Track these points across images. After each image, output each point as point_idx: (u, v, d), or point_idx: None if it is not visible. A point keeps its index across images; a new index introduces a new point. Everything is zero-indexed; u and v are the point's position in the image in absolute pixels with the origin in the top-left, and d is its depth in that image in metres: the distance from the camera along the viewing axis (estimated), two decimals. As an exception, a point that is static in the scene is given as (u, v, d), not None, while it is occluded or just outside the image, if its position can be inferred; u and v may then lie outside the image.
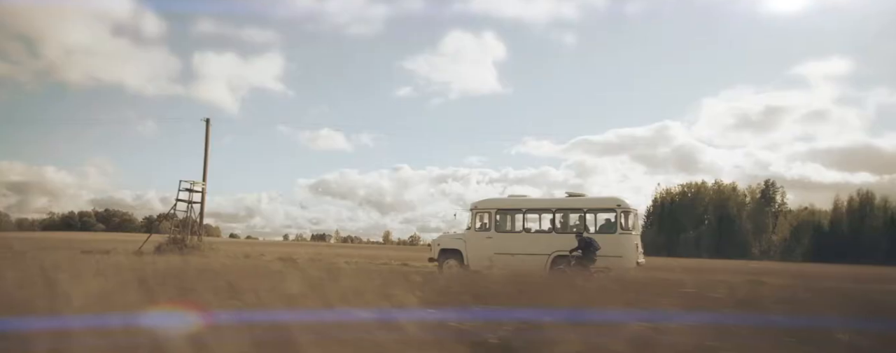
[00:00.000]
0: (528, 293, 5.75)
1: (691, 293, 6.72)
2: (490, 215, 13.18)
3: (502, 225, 13.23)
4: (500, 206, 13.28)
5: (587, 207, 12.58)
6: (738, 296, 6.38)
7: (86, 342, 2.67)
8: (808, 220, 63.52)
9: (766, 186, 60.31)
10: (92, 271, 5.13)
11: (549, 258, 12.35)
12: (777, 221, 60.68)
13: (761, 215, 59.17)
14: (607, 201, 12.59)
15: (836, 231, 61.41)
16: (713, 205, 60.50)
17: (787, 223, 63.31)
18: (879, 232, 58.51)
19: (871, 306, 5.39)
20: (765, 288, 9.08)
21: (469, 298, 4.77)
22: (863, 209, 61.95)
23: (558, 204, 12.97)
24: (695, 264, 30.55)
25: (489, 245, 12.94)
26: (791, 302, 5.59)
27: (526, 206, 13.14)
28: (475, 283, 6.32)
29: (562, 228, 12.72)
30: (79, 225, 76.58)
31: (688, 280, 8.72)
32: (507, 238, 12.92)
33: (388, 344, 2.88)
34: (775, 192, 59.89)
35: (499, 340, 3.13)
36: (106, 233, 71.93)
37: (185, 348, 2.66)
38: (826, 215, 63.14)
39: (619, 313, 4.12)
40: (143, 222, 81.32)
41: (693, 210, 60.65)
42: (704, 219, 60.56)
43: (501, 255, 12.67)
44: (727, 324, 4.10)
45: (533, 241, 12.72)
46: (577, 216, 12.67)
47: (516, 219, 13.18)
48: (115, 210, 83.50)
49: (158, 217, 21.62)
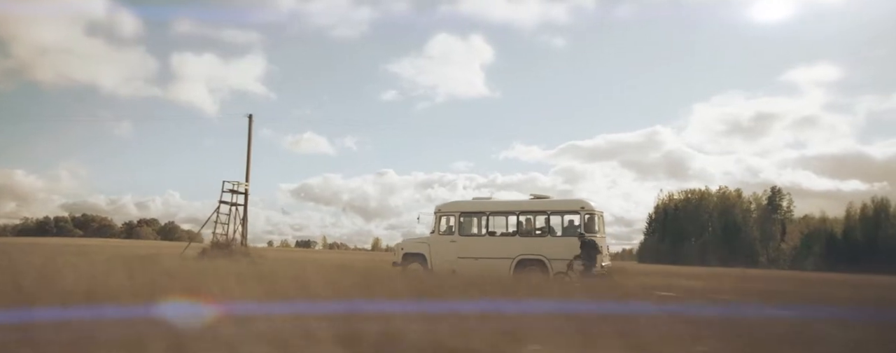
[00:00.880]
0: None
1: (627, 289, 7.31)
2: (454, 218, 13.49)
3: (466, 228, 13.52)
4: (463, 209, 13.58)
5: (551, 209, 12.88)
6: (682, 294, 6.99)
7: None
8: (819, 228, 63.81)
9: (773, 193, 60.49)
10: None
11: (514, 262, 12.63)
12: (785, 229, 60.75)
13: (768, 222, 59.31)
14: (571, 204, 12.89)
15: (849, 240, 61.57)
16: (717, 212, 60.68)
17: (798, 231, 63.57)
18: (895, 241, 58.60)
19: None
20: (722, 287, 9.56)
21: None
22: (877, 217, 62.15)
23: (522, 206, 13.27)
24: (689, 271, 30.75)
25: (453, 249, 13.24)
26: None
27: (490, 209, 13.44)
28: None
29: (526, 230, 13.03)
30: (54, 230, 76.99)
31: (650, 281, 9.23)
32: (471, 242, 13.20)
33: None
34: (781, 199, 60.03)
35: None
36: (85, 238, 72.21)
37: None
38: (838, 222, 63.31)
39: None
40: (123, 227, 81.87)
41: (697, 217, 60.84)
42: (709, 226, 60.73)
43: (465, 259, 13.01)
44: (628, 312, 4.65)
45: (497, 244, 13.01)
46: (540, 219, 12.97)
47: (480, 222, 13.48)
48: (92, 215, 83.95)
49: (213, 225, 20.19)
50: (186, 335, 3.12)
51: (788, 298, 7.62)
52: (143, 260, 10.12)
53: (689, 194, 63.00)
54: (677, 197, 63.33)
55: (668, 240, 60.96)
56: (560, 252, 12.38)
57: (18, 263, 7.75)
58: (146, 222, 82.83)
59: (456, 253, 13.13)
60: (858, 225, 62.36)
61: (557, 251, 12.41)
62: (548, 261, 12.39)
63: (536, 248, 12.61)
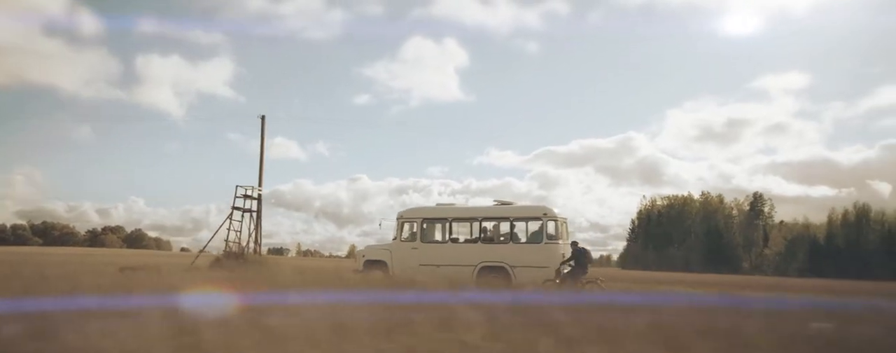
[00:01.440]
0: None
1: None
2: (416, 224, 13.64)
3: (429, 235, 13.66)
4: (425, 215, 13.73)
5: (514, 215, 13.10)
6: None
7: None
8: (802, 233, 65.46)
9: (755, 198, 61.96)
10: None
11: (476, 269, 12.82)
12: (768, 234, 62.18)
13: (751, 228, 60.68)
14: (534, 210, 13.12)
15: (831, 246, 63.31)
16: (700, 218, 61.90)
17: (782, 237, 65.12)
18: (876, 247, 60.39)
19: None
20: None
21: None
22: (859, 223, 64.01)
23: (485, 213, 13.47)
24: (664, 277, 31.35)
25: (415, 256, 13.36)
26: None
27: (452, 215, 13.61)
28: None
29: (489, 237, 13.23)
30: (11, 239, 74.99)
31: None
32: (433, 248, 13.35)
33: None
34: (763, 204, 61.54)
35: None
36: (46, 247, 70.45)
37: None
38: (820, 228, 65.03)
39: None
40: (86, 235, 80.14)
41: (680, 223, 61.96)
42: (692, 232, 61.91)
43: (427, 266, 13.15)
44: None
45: (459, 251, 13.17)
46: (504, 225, 13.19)
47: (443, 229, 13.65)
48: (52, 223, 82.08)
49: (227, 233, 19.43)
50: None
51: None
52: (154, 272, 10.05)
53: (672, 200, 64.15)
54: (660, 203, 64.42)
55: (653, 247, 61.96)
56: (523, 259, 12.60)
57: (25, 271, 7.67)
58: (111, 229, 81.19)
59: (418, 260, 13.25)
60: (840, 231, 64.21)
61: (520, 258, 12.63)
62: (510, 268, 12.60)
63: (499, 255, 12.80)
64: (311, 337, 3.57)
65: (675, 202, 63.79)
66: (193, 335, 3.49)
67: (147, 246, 74.78)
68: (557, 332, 3.69)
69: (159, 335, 3.49)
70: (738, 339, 3.74)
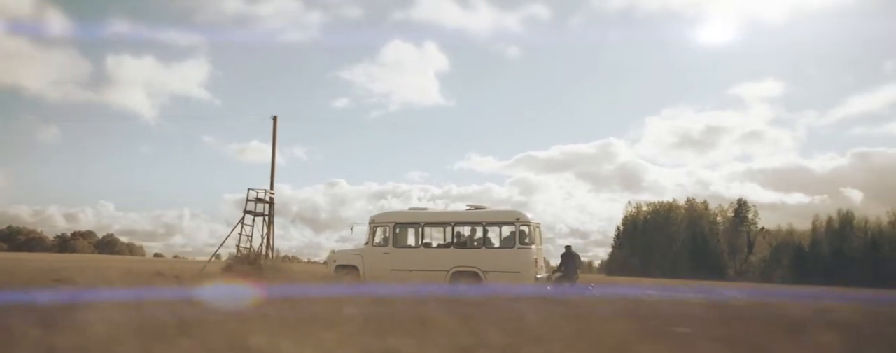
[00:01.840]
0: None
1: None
2: (388, 228, 13.72)
3: (401, 239, 13.74)
4: (398, 219, 13.82)
5: (487, 220, 13.25)
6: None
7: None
8: (787, 240, 66.72)
9: (740, 205, 63.08)
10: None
11: (449, 274, 12.93)
12: (753, 241, 63.24)
13: (736, 234, 61.70)
14: (507, 215, 13.29)
15: (816, 253, 64.57)
16: (685, 224, 62.80)
17: (767, 244, 66.30)
18: (860, 254, 61.74)
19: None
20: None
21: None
22: (843, 230, 65.41)
23: (457, 217, 13.61)
24: (654, 284, 31.63)
25: (387, 261, 13.45)
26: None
27: (424, 219, 13.72)
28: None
29: (461, 242, 13.36)
30: (-27, 243, 73.21)
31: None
32: (405, 253, 13.43)
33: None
34: (747, 211, 62.64)
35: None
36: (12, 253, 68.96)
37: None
38: (805, 235, 66.32)
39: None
40: (55, 240, 78.51)
41: (666, 230, 62.78)
42: (678, 239, 62.76)
43: (399, 271, 13.24)
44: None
45: (431, 256, 13.26)
46: (477, 230, 13.33)
47: (415, 233, 13.74)
48: (19, 227, 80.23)
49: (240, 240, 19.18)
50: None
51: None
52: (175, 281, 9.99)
53: (657, 206, 65.01)
54: (646, 209, 65.25)
55: (639, 253, 62.64)
56: (495, 264, 12.75)
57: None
58: (82, 234, 79.63)
59: (390, 265, 13.34)
60: (824, 238, 65.53)
61: (493, 263, 12.77)
62: (482, 273, 12.73)
63: (471, 260, 12.93)
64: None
65: (660, 209, 64.67)
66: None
67: (120, 251, 73.47)
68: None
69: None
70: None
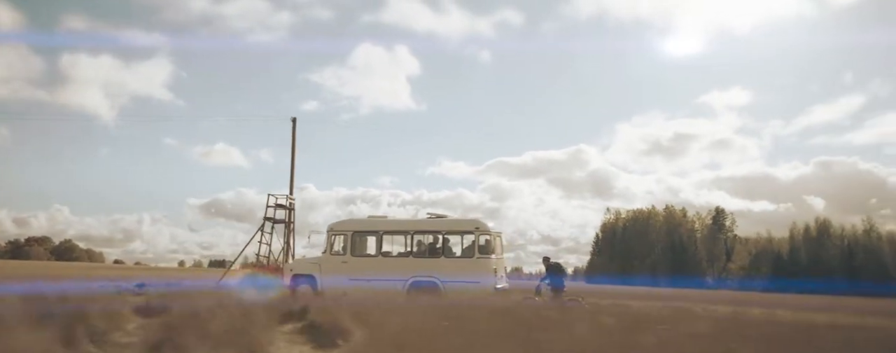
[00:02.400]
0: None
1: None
2: (346, 237, 13.78)
3: (359, 248, 13.80)
4: (356, 228, 13.89)
5: (446, 229, 13.41)
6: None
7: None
8: (766, 248, 68.44)
9: (717, 213, 64.49)
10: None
11: (407, 284, 13.03)
12: (731, 248, 64.64)
13: (714, 242, 63.01)
14: (466, 224, 13.47)
15: (794, 260, 66.32)
16: (664, 232, 63.94)
17: (746, 251, 67.91)
18: (837, 262, 63.59)
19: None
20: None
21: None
22: (820, 238, 67.33)
23: (416, 226, 13.73)
24: (642, 292, 32.10)
25: (344, 270, 13.50)
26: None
27: (383, 228, 13.82)
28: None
29: (420, 251, 13.48)
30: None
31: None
32: (363, 262, 13.49)
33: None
34: (725, 219, 64.06)
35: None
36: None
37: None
38: (784, 243, 68.12)
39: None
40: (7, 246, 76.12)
41: (645, 237, 63.80)
42: (656, 246, 63.84)
43: (357, 280, 13.29)
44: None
45: (390, 265, 13.36)
46: (437, 239, 13.47)
47: (373, 242, 13.83)
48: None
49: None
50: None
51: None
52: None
53: (636, 213, 66.07)
54: (624, 216, 66.25)
55: (618, 261, 63.53)
56: (454, 274, 12.88)
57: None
58: (36, 240, 77.26)
59: (348, 274, 13.39)
60: (802, 246, 67.38)
61: (452, 273, 12.91)
62: (441, 283, 12.86)
63: (430, 269, 13.06)
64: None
65: (639, 216, 65.73)
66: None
67: (78, 258, 71.55)
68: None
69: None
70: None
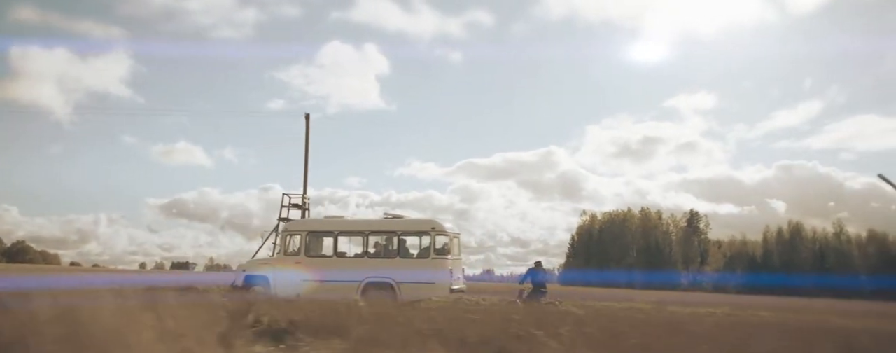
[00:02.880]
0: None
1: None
2: (300, 237, 13.74)
3: (314, 249, 13.78)
4: (311, 228, 13.88)
5: (402, 229, 13.47)
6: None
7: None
8: (741, 250, 70.26)
9: (691, 215, 65.92)
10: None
11: (361, 285, 13.02)
12: (706, 251, 66.11)
13: (689, 244, 64.35)
14: (422, 224, 13.56)
15: (767, 263, 68.22)
16: (640, 234, 65.05)
17: (721, 254, 69.59)
18: (809, 264, 65.59)
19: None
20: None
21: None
22: (792, 241, 69.39)
23: (372, 226, 13.78)
24: (624, 294, 32.54)
25: (298, 272, 13.46)
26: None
27: (338, 228, 13.82)
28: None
29: (376, 252, 13.51)
30: None
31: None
32: (317, 264, 13.46)
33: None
34: (699, 221, 65.50)
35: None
36: None
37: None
38: (756, 246, 70.04)
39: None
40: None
41: (621, 240, 64.79)
42: (632, 249, 64.90)
43: (311, 282, 13.25)
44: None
45: (344, 266, 13.36)
46: (392, 240, 13.52)
47: (329, 243, 13.82)
48: None
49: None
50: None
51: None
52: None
53: (612, 215, 67.09)
54: (600, 219, 67.21)
55: (595, 263, 64.39)
56: (409, 275, 12.93)
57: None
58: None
59: (301, 276, 13.34)
60: (775, 248, 69.37)
61: (407, 274, 12.95)
62: (396, 284, 12.90)
63: (385, 271, 13.10)
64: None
65: (615, 218, 66.73)
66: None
67: (32, 260, 69.43)
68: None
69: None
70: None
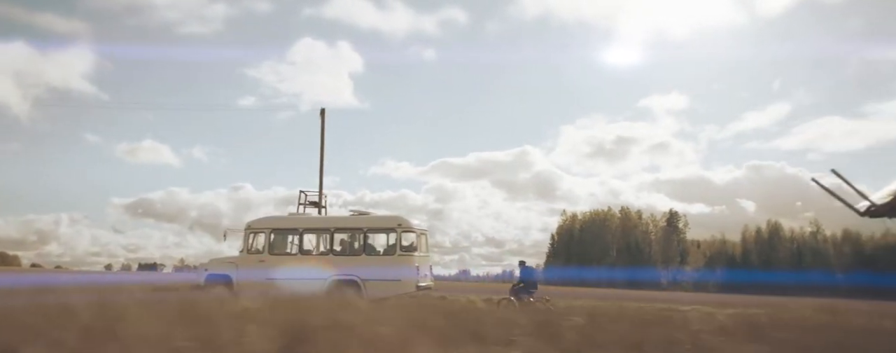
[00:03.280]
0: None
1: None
2: (264, 235, 13.74)
3: (278, 247, 13.81)
4: (275, 225, 13.89)
5: (368, 226, 13.56)
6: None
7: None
8: (721, 250, 71.62)
9: (671, 215, 67.00)
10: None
11: (327, 283, 13.08)
12: (685, 250, 67.22)
13: (669, 244, 65.39)
14: (388, 221, 13.67)
15: (747, 262, 69.65)
16: (620, 234, 65.89)
17: (701, 254, 70.85)
18: (788, 264, 67.13)
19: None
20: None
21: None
22: (771, 241, 70.95)
23: (338, 224, 13.85)
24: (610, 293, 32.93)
25: (262, 270, 13.46)
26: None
27: (303, 225, 13.87)
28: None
29: (342, 249, 13.58)
30: None
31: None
32: (282, 261, 13.49)
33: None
34: (678, 221, 66.58)
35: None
36: None
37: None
38: (737, 246, 71.45)
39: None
40: None
41: (601, 239, 65.55)
42: (613, 249, 65.71)
43: (275, 280, 13.26)
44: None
45: (309, 264, 13.41)
46: (358, 237, 13.61)
47: (293, 240, 13.85)
48: None
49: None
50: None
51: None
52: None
53: (593, 214, 67.84)
54: (581, 218, 67.93)
55: (576, 263, 65.05)
56: (375, 273, 13.03)
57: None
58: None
59: (265, 274, 13.34)
60: (754, 248, 70.85)
61: (373, 272, 13.05)
62: (362, 282, 12.98)
63: (351, 268, 13.17)
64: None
65: (596, 217, 67.50)
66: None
67: (-8, 262, 68.03)
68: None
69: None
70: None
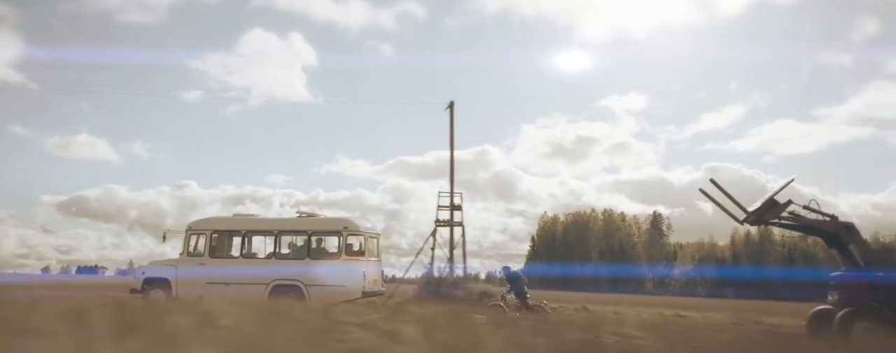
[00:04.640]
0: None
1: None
2: (205, 237, 13.81)
3: (220, 249, 13.89)
4: (217, 227, 13.97)
5: (313, 229, 13.70)
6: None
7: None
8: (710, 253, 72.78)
9: (655, 217, 67.87)
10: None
11: (268, 288, 13.18)
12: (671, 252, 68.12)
13: (654, 246, 66.25)
14: (334, 223, 13.82)
15: (736, 266, 70.84)
16: (603, 236, 66.65)
17: (690, 256, 71.95)
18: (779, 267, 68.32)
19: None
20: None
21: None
22: (762, 244, 72.16)
23: (282, 226, 13.97)
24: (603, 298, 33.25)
25: (202, 273, 13.52)
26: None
27: (246, 227, 13.97)
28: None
29: (287, 253, 13.70)
30: None
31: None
32: (223, 265, 13.59)
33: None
34: (661, 223, 67.48)
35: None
36: None
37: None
38: (725, 249, 72.62)
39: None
40: None
41: (584, 241, 66.22)
42: (596, 251, 66.41)
43: (215, 284, 13.33)
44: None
45: (250, 268, 13.51)
46: (301, 240, 13.73)
47: (236, 242, 13.94)
48: None
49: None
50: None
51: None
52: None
53: (575, 216, 68.47)
54: (564, 220, 68.55)
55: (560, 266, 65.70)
56: (319, 278, 13.15)
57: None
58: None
59: (205, 278, 13.41)
60: (743, 251, 72.05)
61: (316, 277, 13.17)
62: (305, 287, 13.10)
63: (293, 272, 13.29)
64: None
65: (578, 219, 68.19)
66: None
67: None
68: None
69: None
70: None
